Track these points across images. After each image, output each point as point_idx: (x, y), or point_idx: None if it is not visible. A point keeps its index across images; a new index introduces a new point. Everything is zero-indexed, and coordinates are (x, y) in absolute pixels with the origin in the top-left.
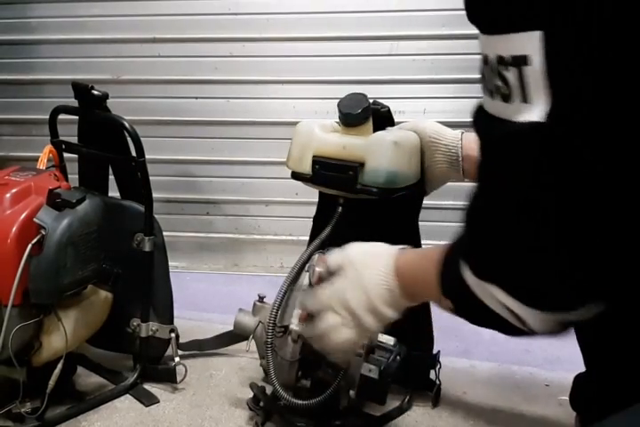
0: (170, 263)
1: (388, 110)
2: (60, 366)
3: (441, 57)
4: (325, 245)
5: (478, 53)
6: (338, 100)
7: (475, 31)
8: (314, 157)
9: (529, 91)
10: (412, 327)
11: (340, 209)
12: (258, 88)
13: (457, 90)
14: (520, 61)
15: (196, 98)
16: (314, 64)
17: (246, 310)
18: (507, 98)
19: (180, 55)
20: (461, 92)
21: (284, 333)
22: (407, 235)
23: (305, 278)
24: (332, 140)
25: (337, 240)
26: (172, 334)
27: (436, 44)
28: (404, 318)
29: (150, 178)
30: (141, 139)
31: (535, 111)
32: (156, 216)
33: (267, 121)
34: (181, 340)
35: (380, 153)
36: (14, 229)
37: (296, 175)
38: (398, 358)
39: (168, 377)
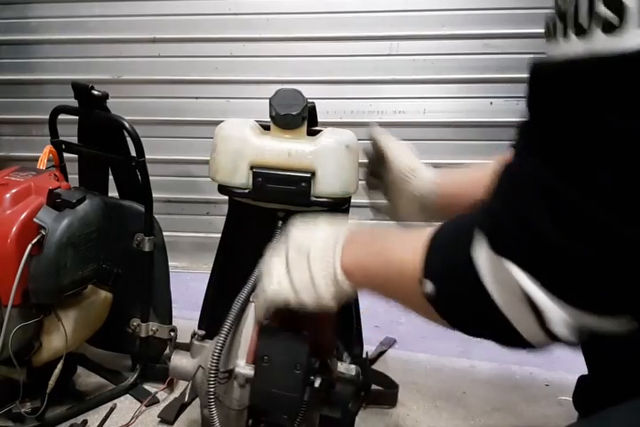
0: (170, 263)
1: (314, 107)
2: (59, 366)
3: (441, 57)
4: None
5: None
6: (270, 98)
7: (474, 31)
8: (253, 167)
9: None
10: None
11: (279, 224)
12: (258, 88)
13: (457, 90)
14: None
15: (196, 98)
16: (314, 64)
17: (183, 351)
18: (612, 27)
19: (180, 55)
20: (461, 92)
21: (228, 378)
22: None
23: (251, 311)
24: (273, 146)
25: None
26: (172, 334)
27: (436, 44)
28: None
29: (150, 178)
30: (141, 139)
31: None
32: (155, 216)
33: (267, 121)
34: (181, 340)
35: (334, 160)
36: (14, 229)
37: (227, 190)
38: (362, 393)
39: (166, 376)
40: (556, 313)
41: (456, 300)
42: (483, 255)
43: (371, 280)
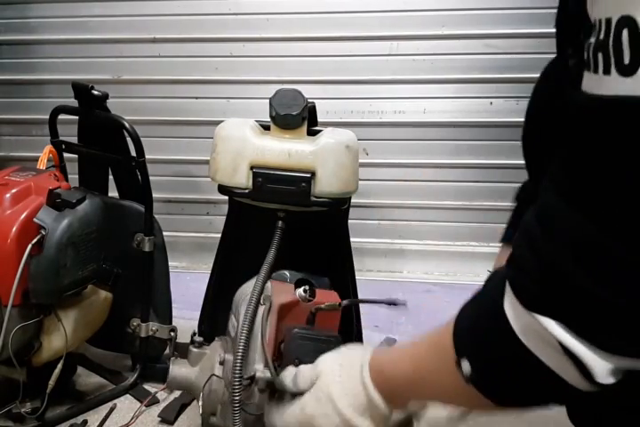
0: (170, 263)
1: (314, 107)
2: (59, 366)
3: (441, 57)
4: (274, 269)
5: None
6: (270, 98)
7: (474, 31)
8: (253, 167)
9: None
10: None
11: (280, 224)
12: (258, 88)
13: (457, 90)
14: None
15: (196, 98)
16: (314, 64)
17: (181, 360)
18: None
19: (180, 55)
20: (461, 92)
21: (249, 384)
22: (339, 240)
23: (261, 311)
24: (273, 146)
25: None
26: (172, 334)
27: (436, 44)
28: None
29: (150, 178)
30: (141, 139)
31: None
32: (156, 216)
33: (267, 121)
34: (181, 340)
35: (334, 160)
36: (14, 229)
37: (227, 190)
38: None
39: (166, 376)
40: (598, 363)
41: (496, 366)
42: (513, 309)
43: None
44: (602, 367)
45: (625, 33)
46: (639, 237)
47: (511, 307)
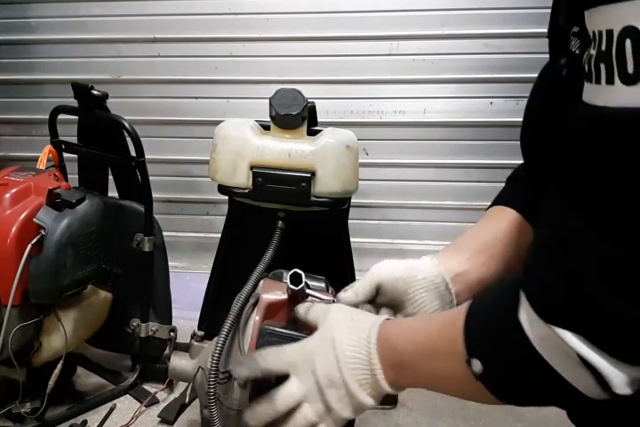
0: (170, 263)
1: (314, 107)
2: (59, 366)
3: (441, 57)
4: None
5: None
6: (270, 98)
7: (474, 31)
8: (253, 167)
9: None
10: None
11: (280, 224)
12: (258, 88)
13: (457, 90)
14: None
15: (196, 98)
16: (314, 64)
17: (182, 353)
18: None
19: (180, 55)
20: (461, 92)
21: (228, 378)
22: (339, 240)
23: (254, 313)
24: (273, 146)
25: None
26: (172, 334)
27: (436, 44)
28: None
29: (150, 178)
30: (141, 139)
31: None
32: (155, 216)
33: (267, 121)
34: (181, 340)
35: (334, 159)
36: (14, 229)
37: (227, 190)
38: None
39: (166, 377)
40: (617, 375)
41: (510, 371)
42: (530, 320)
43: (414, 376)
44: (620, 378)
45: (628, 43)
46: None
47: (527, 318)
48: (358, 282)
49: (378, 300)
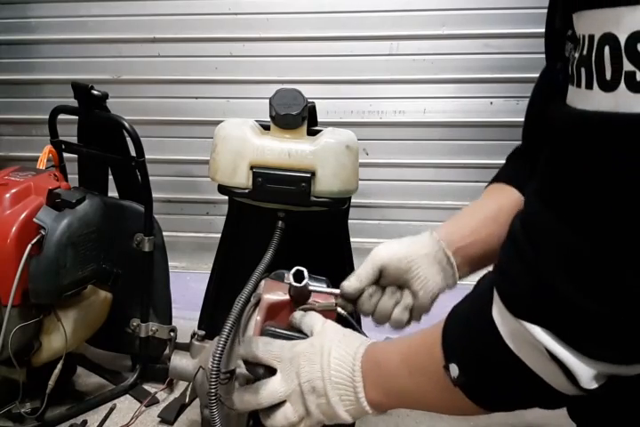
0: (170, 263)
1: (314, 107)
2: (59, 366)
3: (441, 57)
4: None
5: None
6: (270, 98)
7: (474, 31)
8: (253, 167)
9: None
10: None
11: (280, 224)
12: (258, 88)
13: (457, 90)
14: None
15: (196, 98)
16: (314, 64)
17: (183, 352)
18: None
19: (180, 55)
20: (461, 92)
21: (229, 378)
22: (339, 240)
23: (255, 313)
24: (273, 146)
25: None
26: (172, 334)
27: (436, 44)
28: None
29: (150, 178)
30: (141, 139)
31: None
32: (155, 216)
33: (267, 121)
34: (181, 340)
35: (334, 159)
36: (14, 229)
37: (227, 190)
38: None
39: (166, 377)
40: (583, 369)
41: (485, 371)
42: (501, 315)
43: (397, 398)
44: (586, 373)
45: (607, 50)
46: (623, 249)
47: (499, 313)
48: (360, 268)
49: (382, 282)
